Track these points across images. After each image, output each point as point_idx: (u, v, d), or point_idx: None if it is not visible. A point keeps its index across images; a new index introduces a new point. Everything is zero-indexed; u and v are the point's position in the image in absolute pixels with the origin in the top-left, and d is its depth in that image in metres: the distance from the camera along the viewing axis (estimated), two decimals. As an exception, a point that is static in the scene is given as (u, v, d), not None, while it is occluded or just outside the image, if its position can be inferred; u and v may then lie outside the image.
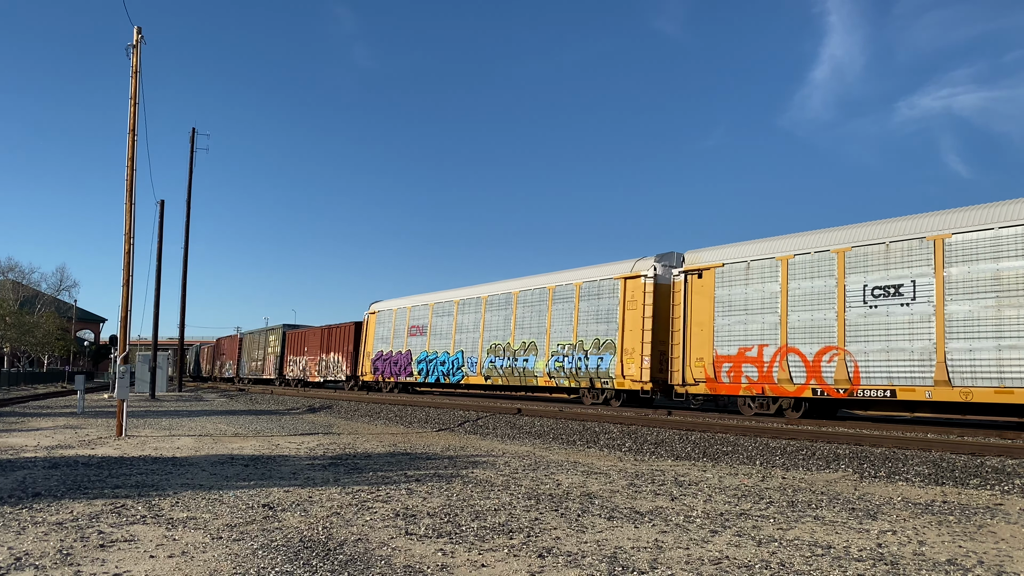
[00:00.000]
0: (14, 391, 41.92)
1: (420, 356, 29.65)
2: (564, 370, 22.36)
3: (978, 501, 8.23)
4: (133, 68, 16.09)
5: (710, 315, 18.12)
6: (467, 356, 26.84)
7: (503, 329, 25.32)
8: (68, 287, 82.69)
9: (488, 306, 26.25)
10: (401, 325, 31.40)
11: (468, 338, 27.01)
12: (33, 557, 5.25)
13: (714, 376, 17.80)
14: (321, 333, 40.39)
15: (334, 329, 38.97)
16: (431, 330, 29.21)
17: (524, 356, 24.12)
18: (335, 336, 38.57)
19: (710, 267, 18.33)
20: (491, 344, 25.66)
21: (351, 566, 5.09)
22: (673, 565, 5.23)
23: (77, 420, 19.64)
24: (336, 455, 12.01)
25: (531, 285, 24.53)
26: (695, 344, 18.32)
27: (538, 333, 23.80)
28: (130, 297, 15.94)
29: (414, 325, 30.41)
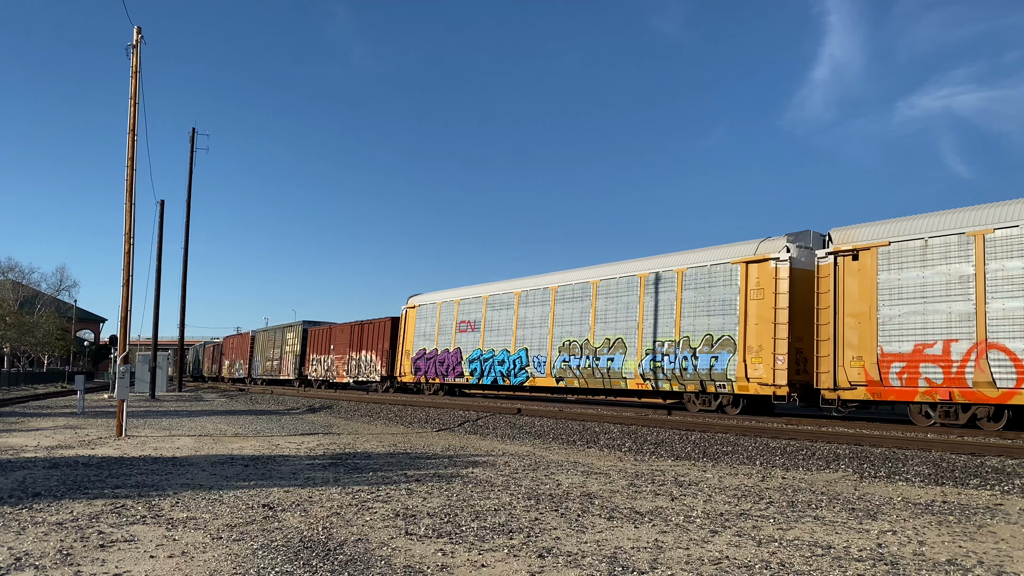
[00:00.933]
0: (14, 391, 41.93)
1: (472, 354, 26.64)
2: (664, 371, 19.43)
3: (978, 501, 8.23)
4: (133, 68, 16.09)
5: (871, 304, 15.05)
6: (532, 355, 23.87)
7: (579, 324, 22.42)
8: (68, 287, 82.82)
9: (559, 298, 23.33)
10: (448, 320, 28.38)
11: (533, 334, 24.14)
12: (33, 557, 5.25)
13: (878, 378, 14.73)
14: (350, 330, 37.40)
15: (366, 325, 35.91)
16: (485, 325, 26.21)
17: (608, 355, 21.15)
18: (367, 333, 35.59)
19: (870, 246, 15.24)
20: (564, 341, 22.82)
21: (351, 566, 5.09)
22: (673, 565, 5.22)
23: (77, 420, 19.64)
24: (336, 455, 12.01)
25: (614, 273, 21.61)
26: (849, 340, 15.31)
27: (626, 328, 20.83)
28: (130, 297, 15.94)
29: (464, 320, 27.42)
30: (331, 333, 39.62)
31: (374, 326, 35.12)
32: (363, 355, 35.83)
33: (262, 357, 49.99)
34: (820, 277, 16.15)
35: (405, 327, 31.13)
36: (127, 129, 15.84)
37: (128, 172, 15.67)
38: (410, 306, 31.19)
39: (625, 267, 21.45)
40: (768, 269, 17.46)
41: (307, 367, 42.05)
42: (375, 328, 35.03)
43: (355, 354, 36.53)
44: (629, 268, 21.25)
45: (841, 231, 15.98)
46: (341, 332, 38.52)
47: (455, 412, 20.25)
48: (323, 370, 40.07)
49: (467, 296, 27.81)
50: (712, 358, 18.37)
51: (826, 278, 16.00)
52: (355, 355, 36.52)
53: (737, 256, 18.31)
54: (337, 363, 38.46)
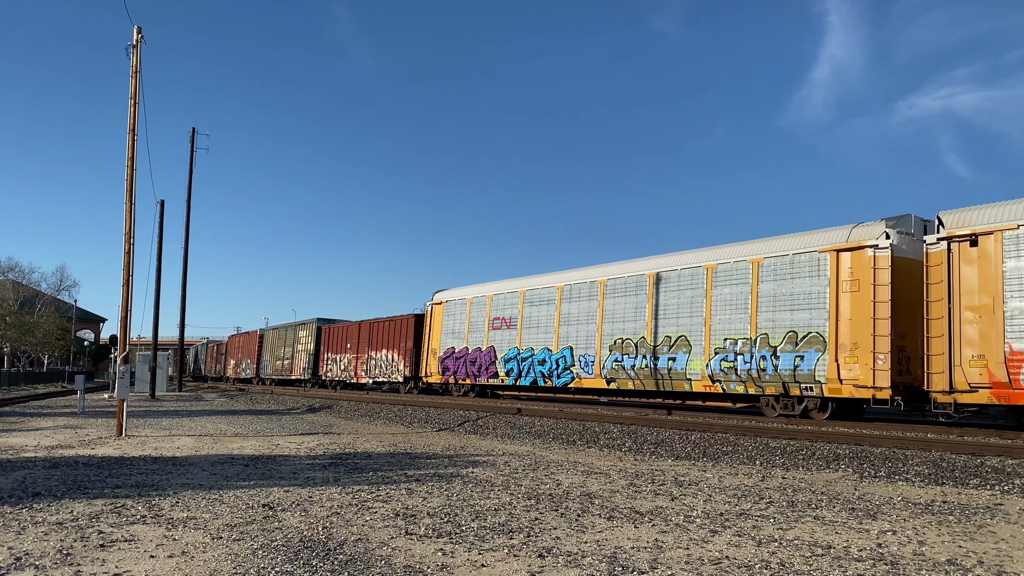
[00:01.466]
0: (14, 391, 41.93)
1: (508, 353, 24.70)
2: (737, 372, 17.60)
3: (978, 501, 8.23)
4: (133, 68, 16.09)
5: (995, 296, 13.37)
6: (578, 354, 21.98)
7: (634, 320, 20.52)
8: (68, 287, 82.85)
9: (609, 292, 21.37)
10: (479, 317, 26.33)
11: (579, 331, 22.22)
12: (33, 557, 5.25)
13: (1006, 380, 13.07)
14: (369, 328, 35.25)
15: (388, 323, 33.78)
16: (523, 322, 24.26)
17: (669, 354, 19.31)
18: (389, 331, 33.45)
19: (993, 230, 13.57)
20: (615, 339, 20.88)
21: (351, 566, 5.09)
22: (673, 565, 5.23)
23: (77, 420, 19.64)
24: (336, 455, 12.01)
25: (674, 265, 19.80)
26: (968, 336, 13.65)
27: (691, 325, 18.98)
28: (130, 297, 15.95)
29: (498, 317, 25.38)
30: (348, 331, 37.54)
31: (396, 324, 33.01)
32: (384, 354, 33.74)
33: (271, 356, 48.03)
34: (930, 266, 14.39)
35: (431, 324, 29.00)
36: (127, 129, 15.85)
37: (128, 172, 15.67)
38: (436, 302, 29.00)
39: (686, 258, 19.61)
40: (864, 258, 15.73)
41: (322, 367, 40.06)
42: (397, 325, 32.92)
43: (375, 353, 34.45)
44: (692, 259, 19.41)
45: (954, 214, 14.28)
46: (359, 330, 36.37)
47: (455, 412, 20.25)
48: (339, 370, 38.16)
49: (501, 291, 25.70)
50: (796, 357, 16.59)
51: (937, 267, 14.21)
52: (375, 354, 34.43)
53: (826, 244, 16.55)
54: (355, 362, 36.40)
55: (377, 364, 34.21)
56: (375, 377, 34.30)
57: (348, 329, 37.63)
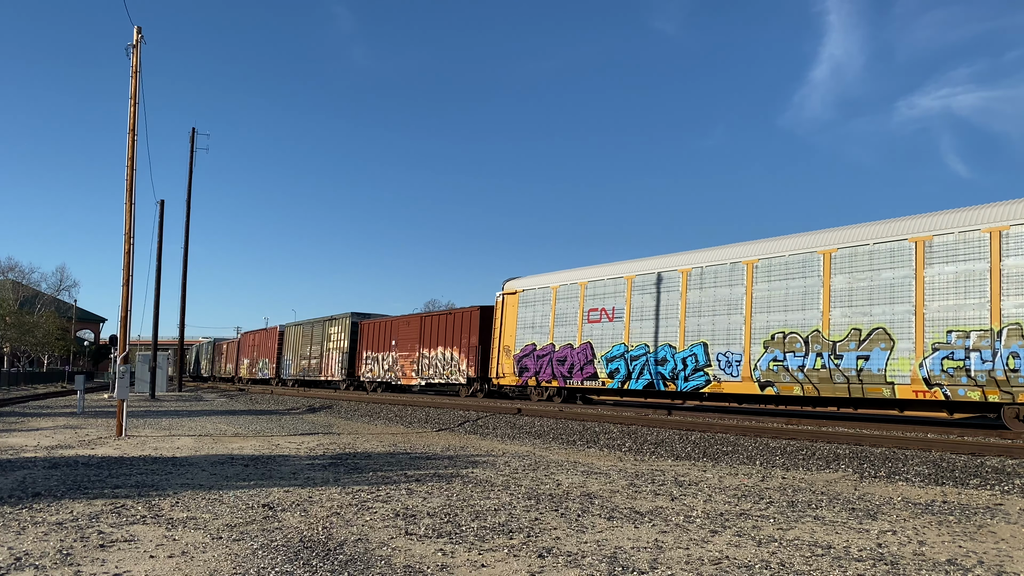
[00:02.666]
0: (14, 391, 41.94)
1: (611, 351, 20.74)
2: (969, 373, 13.99)
3: (978, 501, 8.23)
4: (133, 68, 16.09)
5: None
6: (716, 351, 18.18)
7: (801, 308, 16.78)
8: (68, 287, 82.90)
9: (761, 274, 17.57)
10: (569, 308, 22.46)
11: (716, 324, 18.36)
12: (33, 557, 5.25)
13: None
14: (421, 323, 31.38)
15: (445, 317, 29.97)
16: (631, 313, 20.33)
17: (860, 350, 15.66)
18: (447, 325, 29.51)
19: None
20: (773, 332, 17.09)
21: (351, 566, 5.09)
22: (673, 565, 5.23)
23: (77, 420, 19.64)
24: (336, 455, 12.01)
25: (863, 238, 16.10)
26: None
27: (891, 313, 15.30)
28: (130, 297, 15.94)
29: (595, 308, 21.49)
30: (393, 327, 33.35)
31: (457, 317, 29.00)
32: (440, 352, 29.61)
33: (295, 355, 43.76)
34: None
35: (503, 318, 25.00)
36: (127, 129, 15.85)
37: (128, 172, 15.67)
38: (508, 292, 25.01)
39: (879, 229, 16.03)
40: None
41: (359, 366, 35.72)
42: (459, 319, 28.82)
43: (428, 351, 30.29)
44: (889, 230, 15.83)
45: None
46: (408, 325, 32.24)
47: (455, 412, 20.25)
48: (381, 370, 33.77)
49: (599, 277, 21.74)
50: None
51: None
52: (428, 352, 30.28)
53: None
54: (402, 362, 32.18)
55: (432, 364, 30.04)
56: (429, 378, 30.18)
57: (393, 324, 33.44)
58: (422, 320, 31.49)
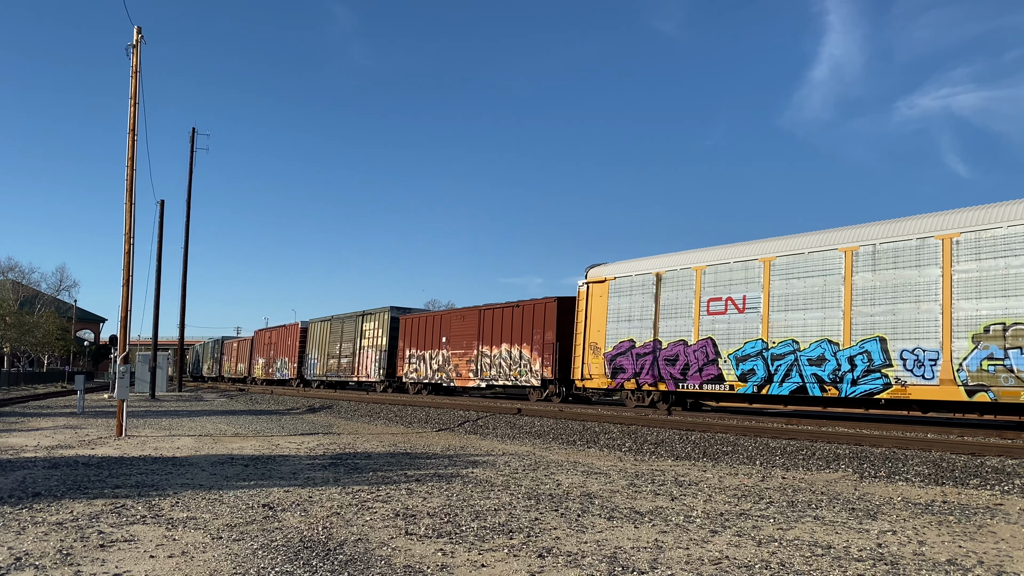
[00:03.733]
0: (14, 391, 41.95)
1: (742, 349, 17.42)
2: None
3: (978, 501, 8.23)
4: (133, 68, 16.10)
5: None
6: (898, 347, 14.73)
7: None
8: (68, 287, 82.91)
9: (963, 252, 14.06)
10: (681, 297, 18.87)
11: (897, 314, 14.81)
12: (33, 557, 5.25)
13: None
14: (480, 317, 27.70)
15: (513, 309, 26.25)
16: (771, 303, 16.89)
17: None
18: (515, 319, 25.87)
19: None
20: (985, 324, 13.56)
21: (351, 566, 5.09)
22: (673, 565, 5.23)
23: (77, 420, 19.65)
24: (336, 455, 12.01)
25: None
26: None
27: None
28: (130, 297, 15.95)
29: (717, 297, 17.99)
30: (444, 322, 30.11)
31: (527, 310, 25.50)
32: (506, 350, 26.02)
33: (320, 354, 40.34)
34: None
35: (588, 310, 21.30)
36: (127, 129, 15.86)
37: (128, 172, 15.68)
38: (595, 279, 21.27)
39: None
40: None
41: (401, 366, 32.32)
42: (530, 313, 25.29)
43: (490, 349, 26.85)
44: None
45: None
46: (462, 320, 28.83)
47: (455, 412, 20.25)
48: (429, 370, 30.35)
49: (721, 260, 18.19)
50: None
51: None
52: (490, 350, 26.85)
53: None
54: (456, 361, 28.77)
55: (495, 363, 26.46)
56: (492, 379, 26.67)
57: (444, 319, 30.17)
58: (482, 314, 27.69)
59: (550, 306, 24.44)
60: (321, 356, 40.27)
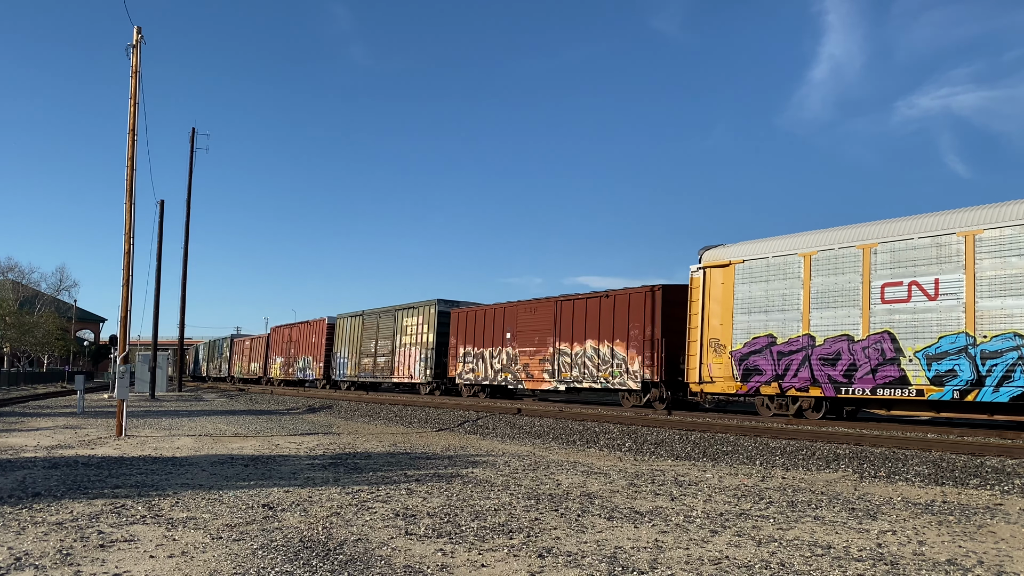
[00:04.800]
0: (14, 391, 41.95)
1: (938, 344, 14.02)
2: None
3: (978, 501, 8.23)
4: (133, 68, 16.10)
5: None
6: None
7: None
8: (68, 287, 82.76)
9: None
10: (838, 283, 15.64)
11: None
12: (33, 557, 5.25)
13: None
14: (557, 309, 23.87)
15: (601, 300, 22.36)
16: (977, 287, 13.57)
17: None
18: (604, 312, 22.07)
19: None
20: None
21: (351, 566, 5.09)
22: (673, 565, 5.23)
23: (77, 420, 19.64)
24: (336, 455, 12.01)
25: None
26: None
27: None
28: (130, 297, 15.95)
29: (895, 282, 14.71)
30: (508, 315, 26.29)
31: (619, 301, 21.67)
32: (591, 347, 22.32)
33: (352, 352, 36.47)
34: None
35: (707, 299, 18.11)
36: (127, 129, 15.86)
37: (128, 172, 15.68)
38: (714, 263, 17.95)
39: None
40: None
41: (454, 365, 28.71)
42: (623, 304, 21.53)
43: (571, 346, 23.18)
44: None
45: None
46: (532, 312, 25.11)
47: (455, 412, 20.26)
48: (490, 370, 26.64)
49: (901, 236, 14.81)
50: None
51: None
52: (571, 347, 23.19)
53: None
54: (525, 359, 25.09)
55: (578, 362, 22.75)
56: (573, 381, 22.92)
57: (508, 312, 26.28)
58: (559, 306, 23.97)
59: (652, 296, 20.72)
60: (352, 355, 36.56)
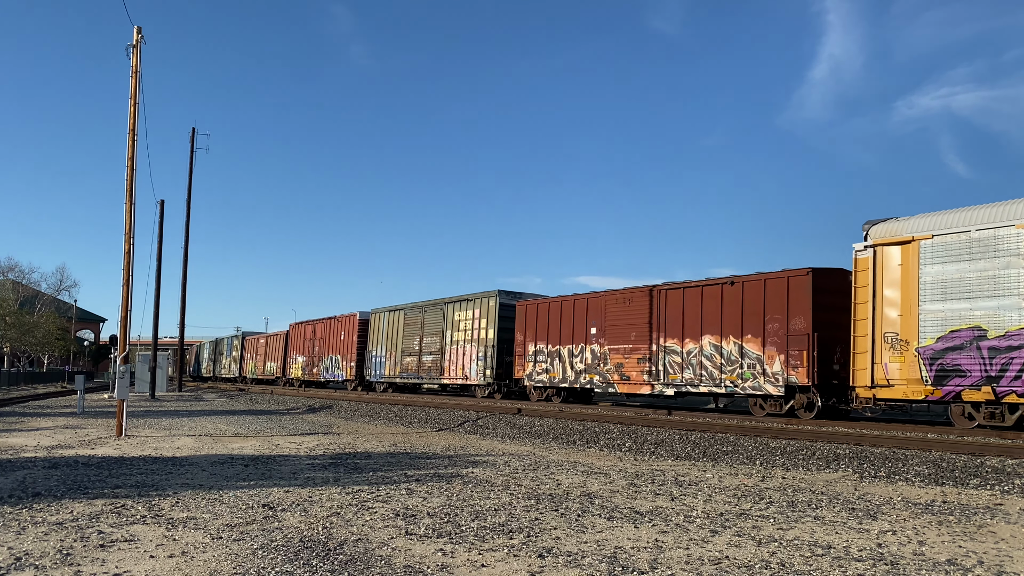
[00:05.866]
0: (14, 391, 41.95)
1: None
2: None
3: (978, 501, 8.23)
4: (133, 68, 16.10)
5: None
6: None
7: None
8: (68, 287, 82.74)
9: None
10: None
11: None
12: (33, 557, 5.25)
13: None
14: (656, 299, 20.28)
15: (716, 287, 18.80)
16: None
17: None
18: (725, 301, 18.47)
19: None
20: None
21: (351, 566, 5.09)
22: (673, 565, 5.23)
23: (77, 420, 19.64)
24: (336, 455, 12.01)
25: None
26: None
27: None
28: (130, 297, 15.95)
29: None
30: (592, 307, 22.44)
31: (749, 288, 18.00)
32: (711, 344, 18.69)
33: (391, 350, 33.03)
34: None
35: (878, 284, 14.93)
36: (127, 129, 15.86)
37: (128, 172, 15.68)
38: (889, 240, 14.83)
39: None
40: None
41: (521, 365, 25.07)
42: (755, 291, 17.86)
43: (679, 343, 19.53)
44: None
45: None
46: (626, 304, 21.37)
47: (455, 412, 20.25)
48: (569, 370, 22.97)
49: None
50: None
51: None
52: (679, 344, 19.52)
53: None
54: (618, 358, 21.33)
55: (690, 362, 19.18)
56: (686, 384, 19.25)
57: (594, 304, 22.46)
58: (661, 296, 20.24)
59: (798, 281, 16.96)
60: (391, 353, 32.98)
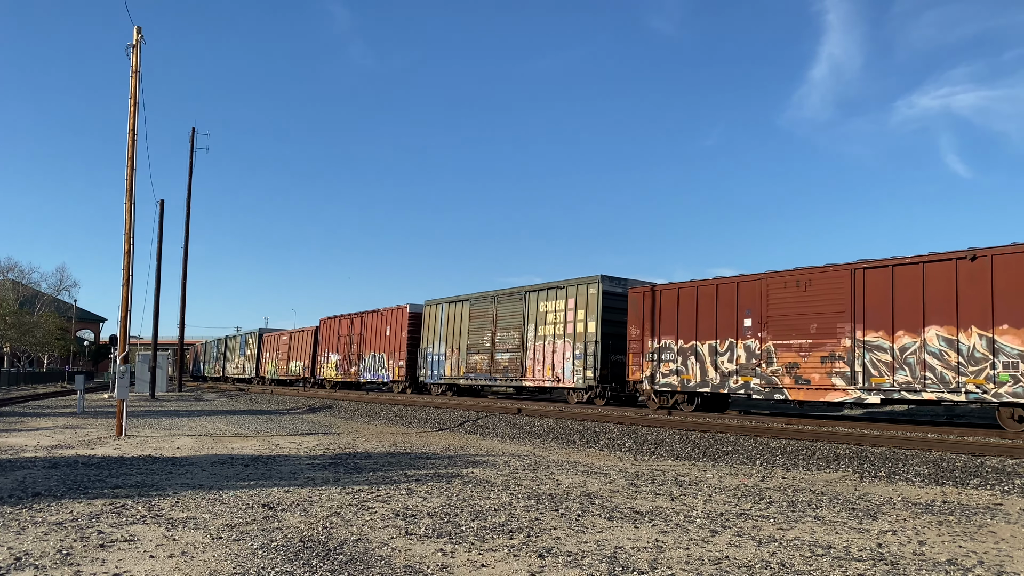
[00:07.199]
0: (14, 391, 41.95)
1: None
2: None
3: (978, 501, 8.23)
4: (133, 68, 16.10)
5: None
6: None
7: None
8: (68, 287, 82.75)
9: None
10: None
11: None
12: (33, 557, 5.25)
13: None
14: (855, 281, 15.85)
15: (938, 266, 14.60)
16: None
17: None
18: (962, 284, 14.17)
19: None
20: None
21: (351, 566, 5.09)
22: (673, 565, 5.23)
23: (77, 420, 19.64)
24: (336, 455, 12.01)
25: None
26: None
27: None
28: (130, 297, 15.95)
29: None
30: (746, 293, 18.02)
31: (996, 264, 13.85)
32: (940, 336, 14.38)
33: (452, 347, 28.87)
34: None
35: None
36: (127, 129, 15.85)
37: (128, 172, 15.67)
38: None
39: None
40: None
41: (638, 364, 20.56)
42: (1006, 269, 13.68)
43: (888, 336, 15.20)
44: None
45: None
46: (800, 288, 16.97)
47: (455, 412, 20.25)
48: (715, 371, 18.41)
49: None
50: None
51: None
52: (888, 338, 15.20)
53: None
54: (789, 356, 16.89)
55: (907, 361, 14.83)
56: (902, 389, 14.86)
57: (747, 289, 18.04)
58: (861, 275, 15.86)
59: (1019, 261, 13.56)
60: (453, 350, 28.80)
